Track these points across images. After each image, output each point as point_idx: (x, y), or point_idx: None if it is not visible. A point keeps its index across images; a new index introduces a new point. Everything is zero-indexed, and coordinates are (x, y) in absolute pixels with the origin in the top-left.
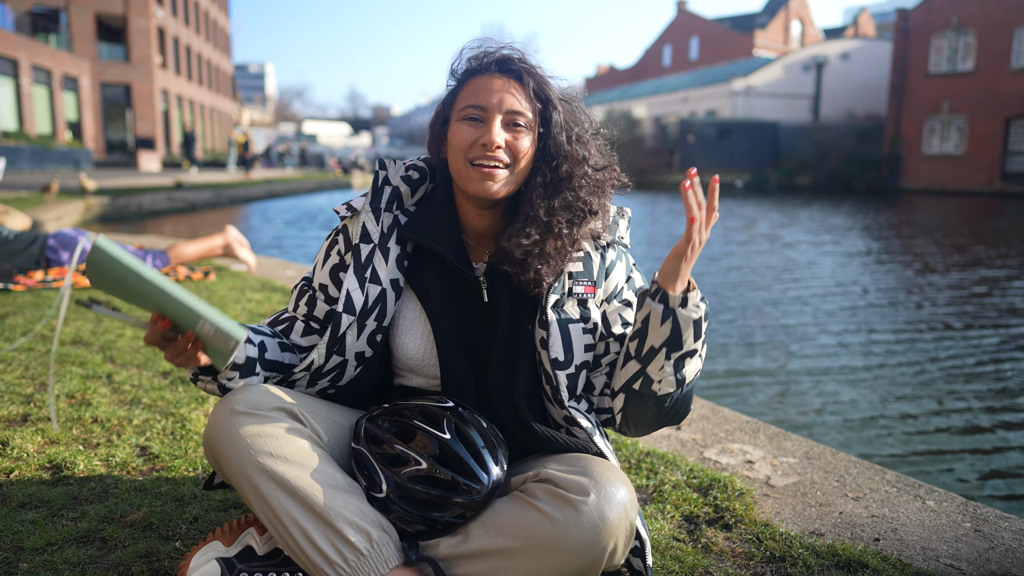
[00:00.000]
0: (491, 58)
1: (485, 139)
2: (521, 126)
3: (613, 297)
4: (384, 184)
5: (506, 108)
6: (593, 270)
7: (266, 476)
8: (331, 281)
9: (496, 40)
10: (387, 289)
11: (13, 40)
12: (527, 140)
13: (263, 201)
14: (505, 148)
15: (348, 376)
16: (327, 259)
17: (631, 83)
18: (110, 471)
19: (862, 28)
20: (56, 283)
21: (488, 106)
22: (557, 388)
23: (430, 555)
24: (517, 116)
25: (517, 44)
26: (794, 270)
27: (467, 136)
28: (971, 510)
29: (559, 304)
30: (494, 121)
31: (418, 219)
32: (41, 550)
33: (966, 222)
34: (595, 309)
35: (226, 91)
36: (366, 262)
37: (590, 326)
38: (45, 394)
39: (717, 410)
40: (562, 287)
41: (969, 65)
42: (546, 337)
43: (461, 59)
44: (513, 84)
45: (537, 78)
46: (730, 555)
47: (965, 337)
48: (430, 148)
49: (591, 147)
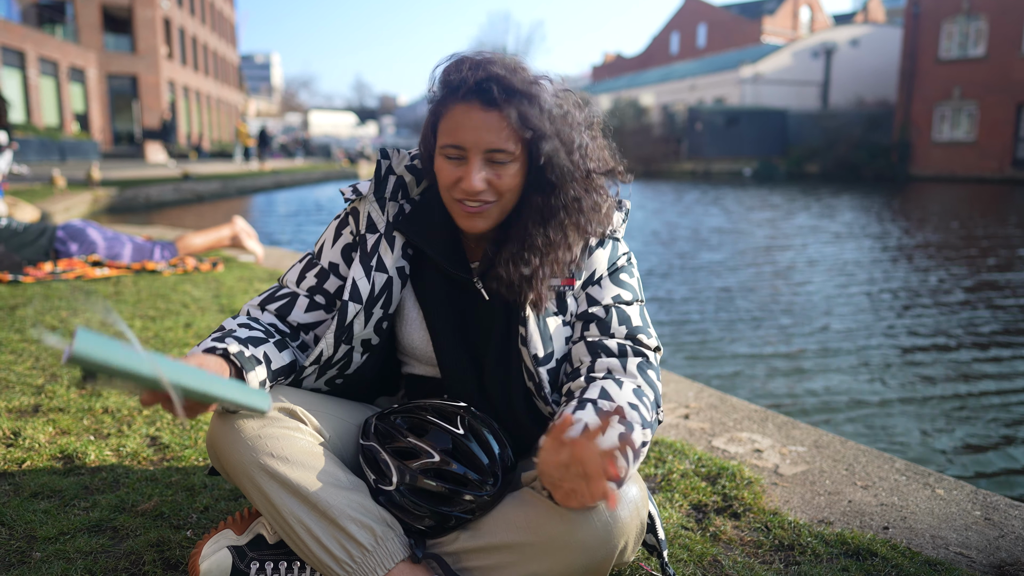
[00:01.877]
0: (467, 85)
1: (465, 184)
2: (504, 162)
3: (590, 283)
4: (388, 173)
5: (485, 147)
6: None
7: (269, 476)
8: (342, 260)
9: (474, 56)
10: (393, 277)
11: (20, 31)
12: (512, 171)
13: (270, 192)
14: (487, 188)
15: (355, 364)
16: (338, 237)
17: (638, 71)
18: (121, 461)
19: (872, 14)
20: (65, 274)
21: (466, 145)
22: (540, 384)
23: (436, 551)
24: (497, 154)
25: (497, 59)
26: (809, 259)
27: (449, 175)
28: (981, 498)
29: (535, 300)
30: (473, 163)
31: (416, 217)
32: (54, 539)
33: (978, 209)
34: (572, 301)
35: (232, 82)
36: (372, 251)
37: (568, 318)
38: (56, 385)
39: (725, 399)
40: (565, 266)
41: (980, 51)
42: (524, 334)
43: (436, 81)
44: (493, 116)
45: (519, 104)
46: (739, 543)
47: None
48: (423, 160)
49: (591, 156)
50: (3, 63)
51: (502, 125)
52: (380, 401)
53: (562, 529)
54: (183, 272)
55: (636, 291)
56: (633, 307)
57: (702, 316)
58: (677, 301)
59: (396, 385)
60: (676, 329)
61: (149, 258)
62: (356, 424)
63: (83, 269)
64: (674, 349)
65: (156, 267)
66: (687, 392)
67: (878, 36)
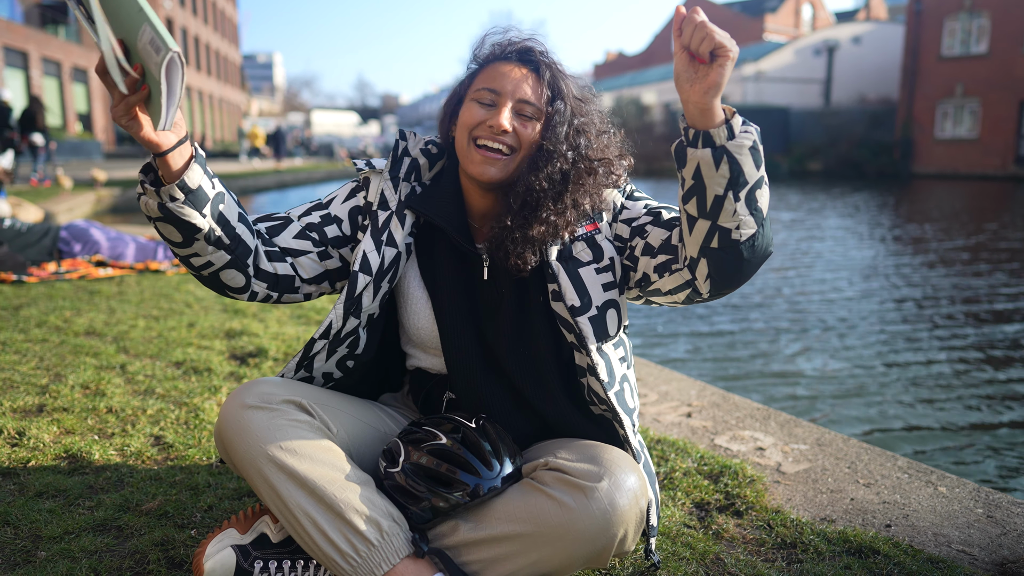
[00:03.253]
0: (513, 47)
1: (493, 121)
2: (529, 116)
3: (615, 217)
4: (404, 155)
5: (519, 96)
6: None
7: (277, 468)
8: (348, 217)
9: (520, 30)
10: (402, 252)
11: (23, 32)
12: (533, 129)
13: (273, 191)
14: (512, 133)
15: (363, 342)
16: (349, 197)
17: (640, 69)
18: (125, 460)
19: (874, 11)
20: (69, 274)
21: (502, 91)
22: (582, 335)
23: (439, 544)
24: (527, 106)
25: (540, 37)
26: (815, 255)
27: (476, 115)
28: (983, 496)
29: (565, 253)
30: (505, 107)
31: (427, 194)
32: (59, 538)
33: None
34: (607, 244)
35: (235, 81)
36: (383, 226)
37: (606, 262)
38: (61, 384)
39: (728, 397)
40: (560, 238)
41: (983, 48)
42: (558, 289)
43: (484, 45)
44: (531, 75)
45: (555, 71)
46: (741, 541)
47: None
48: (441, 127)
49: (592, 139)
50: (6, 64)
51: (536, 84)
52: (384, 398)
53: (562, 519)
54: (186, 271)
55: (653, 199)
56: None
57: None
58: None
59: (399, 381)
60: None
61: (152, 258)
62: (363, 420)
63: (87, 269)
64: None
65: (159, 267)
66: (690, 390)
67: (880, 33)
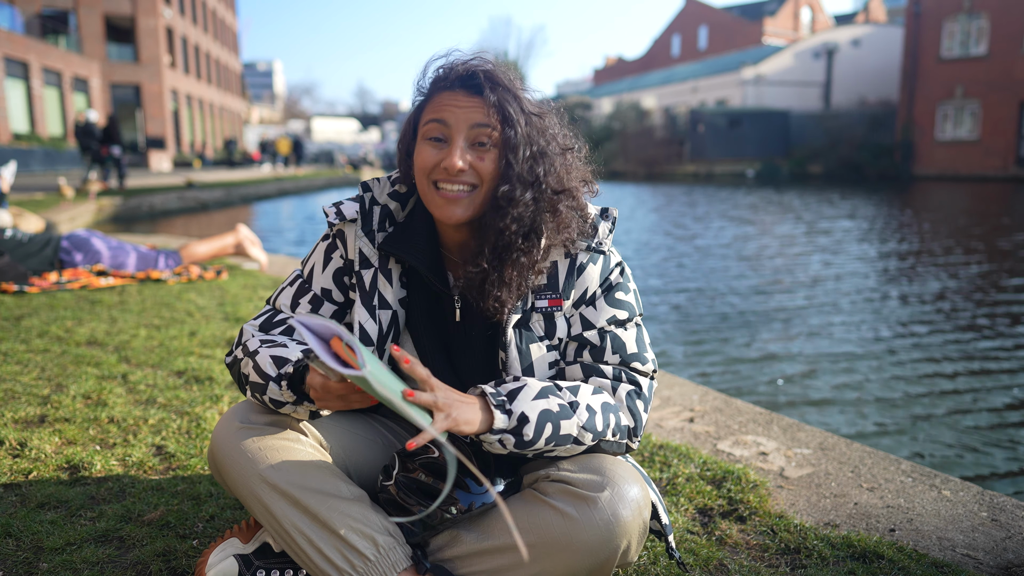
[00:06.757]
0: (455, 73)
1: (447, 163)
2: (485, 144)
3: (583, 303)
4: (372, 205)
5: (471, 123)
6: (559, 280)
7: (269, 488)
8: (335, 285)
9: (463, 53)
10: (397, 311)
11: (23, 42)
12: (491, 159)
13: (273, 199)
14: (469, 170)
15: None
16: (328, 262)
17: (640, 74)
18: (127, 471)
19: (873, 13)
20: (70, 284)
21: (450, 122)
22: None
23: (439, 557)
24: (481, 132)
25: (486, 56)
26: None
27: (430, 158)
28: (987, 499)
29: (523, 322)
30: (456, 143)
31: (399, 233)
32: (60, 550)
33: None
34: (562, 322)
35: (235, 89)
36: (371, 289)
37: (555, 342)
38: (62, 395)
39: (730, 402)
40: (523, 304)
41: (982, 49)
42: (504, 358)
43: (427, 73)
44: (476, 100)
45: (501, 93)
46: (744, 547)
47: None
48: (401, 166)
49: (556, 162)
50: (7, 74)
51: (486, 109)
52: (381, 409)
53: (565, 529)
54: (187, 280)
55: (633, 307)
56: (629, 330)
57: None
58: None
59: None
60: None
61: (153, 267)
62: (359, 433)
63: (88, 279)
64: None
65: (160, 276)
66: (692, 395)
67: (879, 36)
